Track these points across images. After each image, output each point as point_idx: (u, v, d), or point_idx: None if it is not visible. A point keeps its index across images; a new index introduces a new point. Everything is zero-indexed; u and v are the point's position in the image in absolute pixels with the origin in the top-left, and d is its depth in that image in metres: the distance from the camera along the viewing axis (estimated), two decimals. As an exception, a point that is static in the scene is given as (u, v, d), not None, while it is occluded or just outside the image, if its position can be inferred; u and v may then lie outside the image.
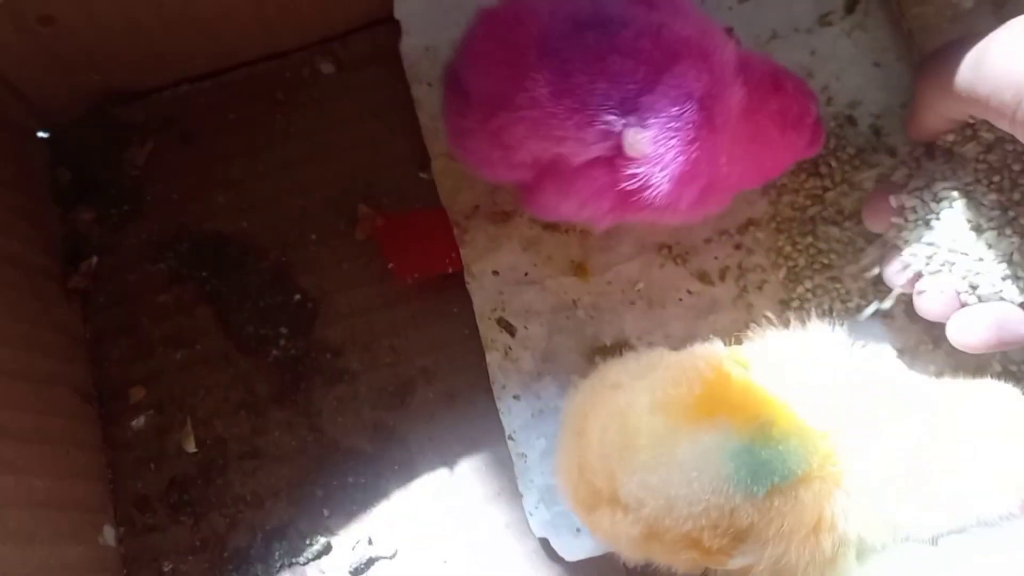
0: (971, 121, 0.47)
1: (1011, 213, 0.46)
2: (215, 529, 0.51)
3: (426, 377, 0.53)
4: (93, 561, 0.49)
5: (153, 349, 0.54)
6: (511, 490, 0.51)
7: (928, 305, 0.47)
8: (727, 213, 0.55)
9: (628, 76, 0.42)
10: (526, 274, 0.55)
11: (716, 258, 0.55)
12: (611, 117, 0.42)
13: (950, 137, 0.48)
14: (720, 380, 0.42)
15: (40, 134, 0.59)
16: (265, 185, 0.57)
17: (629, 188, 0.44)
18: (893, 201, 0.48)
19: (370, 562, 0.50)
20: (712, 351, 0.44)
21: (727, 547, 0.40)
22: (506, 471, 0.51)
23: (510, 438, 0.51)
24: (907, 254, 0.48)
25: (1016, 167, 0.47)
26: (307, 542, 0.50)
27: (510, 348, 0.53)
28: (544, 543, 0.50)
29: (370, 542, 0.50)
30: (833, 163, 0.57)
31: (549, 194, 0.47)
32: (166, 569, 0.50)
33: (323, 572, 0.50)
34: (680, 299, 0.55)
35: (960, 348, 0.46)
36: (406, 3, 0.57)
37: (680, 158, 0.43)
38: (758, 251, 0.55)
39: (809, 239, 0.55)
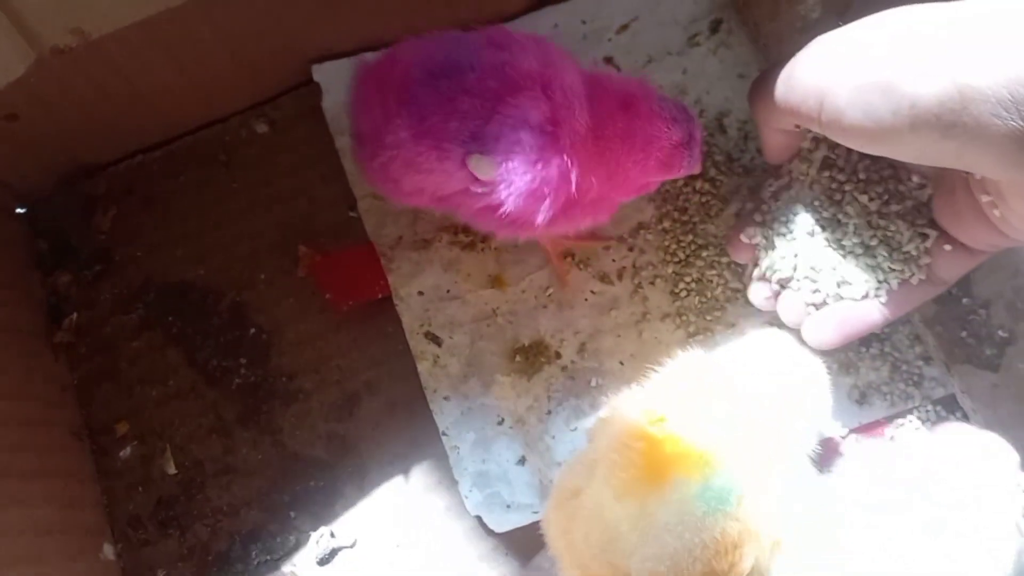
0: (801, 138, 0.54)
1: (829, 228, 0.54)
2: (199, 538, 0.59)
3: (369, 390, 0.61)
4: (94, 574, 0.57)
5: (132, 389, 0.62)
6: (449, 479, 0.59)
7: (786, 316, 0.54)
8: (620, 219, 0.63)
9: (475, 112, 0.49)
10: (448, 291, 0.63)
11: (613, 260, 0.63)
12: (459, 148, 0.49)
13: (791, 163, 0.56)
14: (652, 446, 0.47)
15: (18, 210, 0.67)
16: (217, 236, 0.65)
17: (489, 207, 0.51)
18: (744, 237, 0.56)
19: (333, 552, 0.58)
20: (630, 424, 0.49)
21: (735, 559, 0.45)
22: (443, 463, 0.59)
23: (444, 434, 0.59)
24: (758, 278, 0.56)
25: (838, 183, 0.54)
26: (278, 541, 0.58)
27: (438, 357, 0.61)
28: (479, 520, 0.58)
29: (332, 535, 0.58)
30: (709, 168, 0.65)
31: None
32: (160, 576, 0.59)
33: (295, 565, 0.58)
34: (585, 299, 0.63)
35: (816, 348, 0.53)
36: (323, 67, 0.65)
37: (526, 177, 0.49)
38: (649, 251, 0.63)
39: (691, 236, 0.63)
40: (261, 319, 0.63)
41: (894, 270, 0.53)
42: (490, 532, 0.57)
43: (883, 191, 0.53)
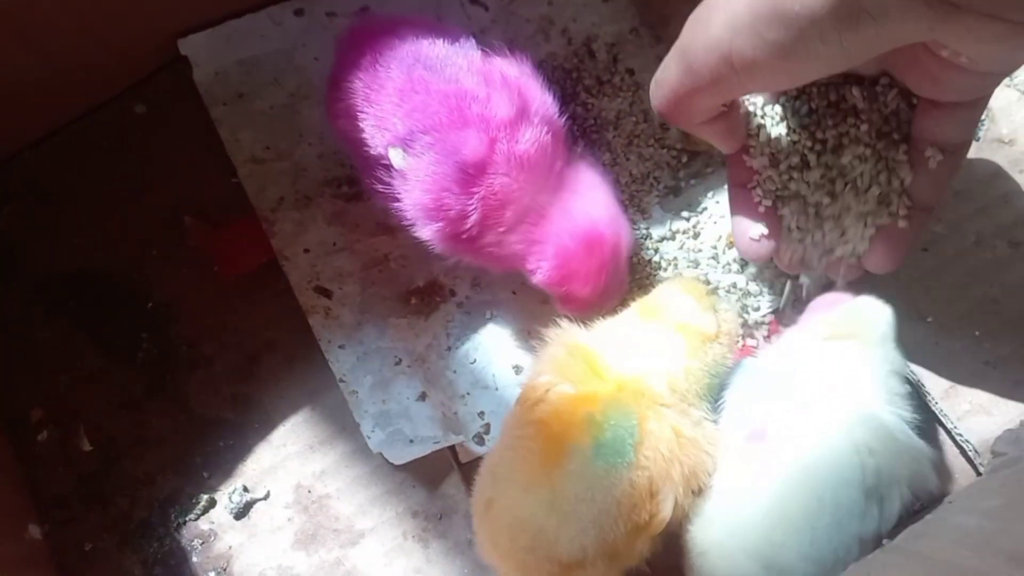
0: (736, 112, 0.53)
1: (820, 178, 0.54)
2: (120, 508, 0.61)
3: (268, 348, 0.63)
4: (23, 554, 0.59)
5: (43, 376, 0.63)
6: (352, 423, 0.60)
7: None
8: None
9: (423, 116, 0.52)
10: (334, 244, 0.64)
11: (496, 194, 0.65)
12: (391, 134, 0.53)
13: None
14: (540, 428, 0.48)
15: (-84, 219, 0.68)
16: (110, 219, 0.66)
17: (391, 195, 0.54)
18: (752, 234, 0.55)
19: (248, 505, 0.60)
20: (515, 415, 0.51)
21: (654, 506, 0.47)
22: (346, 409, 0.60)
23: (341, 381, 0.61)
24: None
25: (800, 140, 0.53)
26: (194, 501, 0.60)
27: (329, 309, 0.63)
28: (382, 458, 0.59)
29: (245, 490, 0.60)
30: (580, 93, 0.66)
31: None
32: (87, 549, 0.60)
33: (212, 522, 0.60)
34: (473, 236, 0.64)
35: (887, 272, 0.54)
36: (188, 40, 0.66)
37: (427, 196, 0.52)
38: (528, 181, 0.64)
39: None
40: (159, 293, 0.64)
41: (901, 179, 0.52)
42: (397, 468, 0.59)
43: (839, 123, 0.53)
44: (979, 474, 0.55)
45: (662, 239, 0.64)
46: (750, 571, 0.46)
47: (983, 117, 0.61)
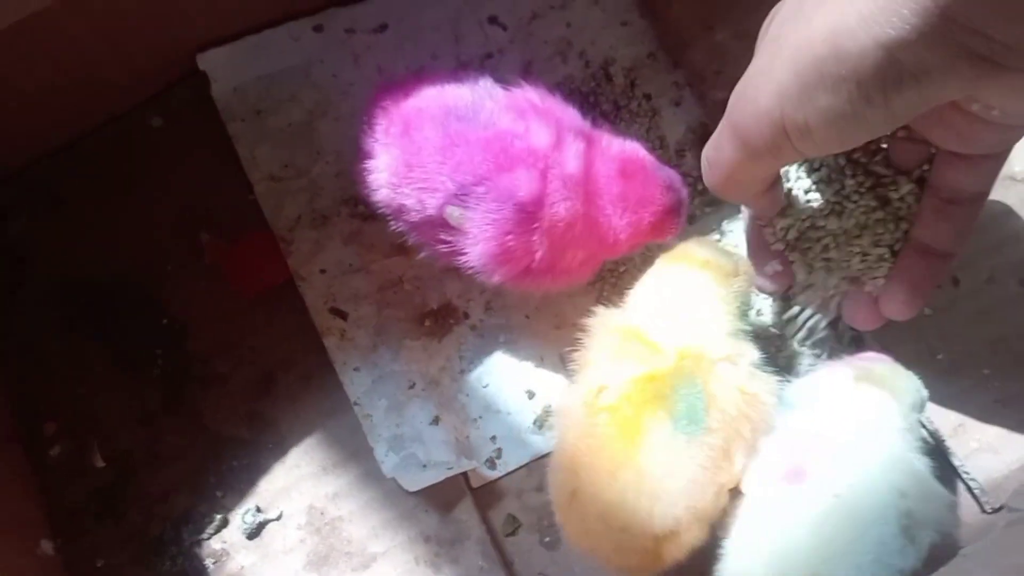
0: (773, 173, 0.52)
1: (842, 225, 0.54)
2: (133, 525, 0.61)
3: (283, 367, 0.63)
4: (35, 569, 0.59)
5: (57, 388, 0.64)
6: (367, 445, 0.61)
7: (857, 323, 0.56)
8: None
9: (470, 168, 0.52)
10: (351, 264, 0.64)
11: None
12: (442, 193, 0.52)
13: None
14: (612, 412, 0.49)
15: (-71, 227, 0.68)
16: (124, 232, 0.66)
17: (453, 251, 0.54)
18: (768, 269, 0.56)
19: (261, 526, 0.60)
20: (581, 407, 0.50)
21: (730, 466, 0.48)
22: (359, 431, 0.61)
23: (355, 404, 0.61)
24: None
25: (831, 188, 0.54)
26: (207, 521, 0.60)
27: (345, 331, 0.63)
28: (395, 481, 0.60)
29: (259, 510, 0.60)
30: (597, 117, 0.66)
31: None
32: (100, 565, 0.60)
33: (225, 542, 0.60)
34: (488, 259, 0.64)
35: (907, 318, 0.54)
36: (207, 55, 0.66)
37: (492, 243, 0.52)
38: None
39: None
40: (173, 308, 0.65)
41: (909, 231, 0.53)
42: (410, 492, 0.59)
43: (849, 179, 0.54)
44: (984, 511, 0.56)
45: (676, 267, 0.64)
46: None
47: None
